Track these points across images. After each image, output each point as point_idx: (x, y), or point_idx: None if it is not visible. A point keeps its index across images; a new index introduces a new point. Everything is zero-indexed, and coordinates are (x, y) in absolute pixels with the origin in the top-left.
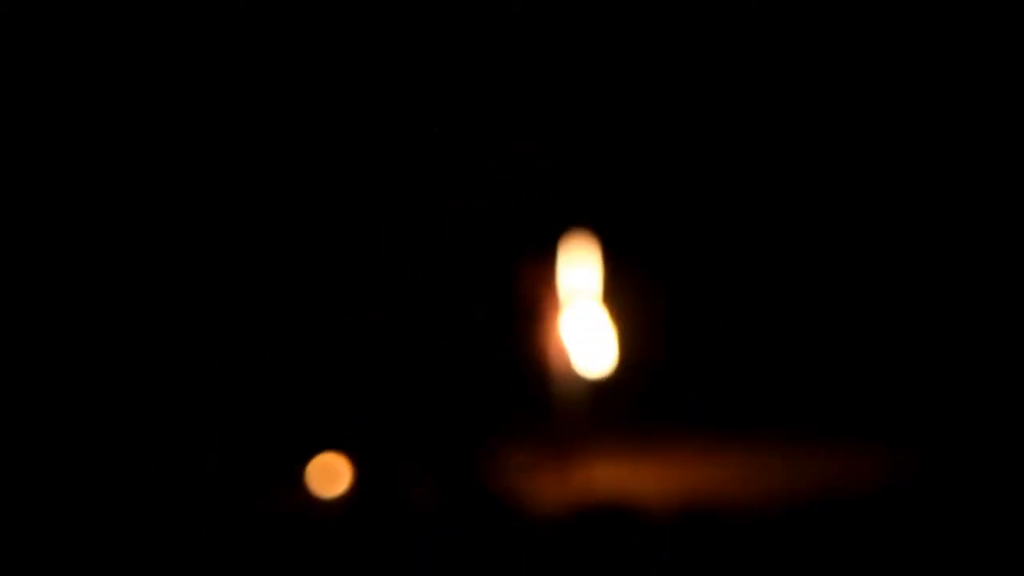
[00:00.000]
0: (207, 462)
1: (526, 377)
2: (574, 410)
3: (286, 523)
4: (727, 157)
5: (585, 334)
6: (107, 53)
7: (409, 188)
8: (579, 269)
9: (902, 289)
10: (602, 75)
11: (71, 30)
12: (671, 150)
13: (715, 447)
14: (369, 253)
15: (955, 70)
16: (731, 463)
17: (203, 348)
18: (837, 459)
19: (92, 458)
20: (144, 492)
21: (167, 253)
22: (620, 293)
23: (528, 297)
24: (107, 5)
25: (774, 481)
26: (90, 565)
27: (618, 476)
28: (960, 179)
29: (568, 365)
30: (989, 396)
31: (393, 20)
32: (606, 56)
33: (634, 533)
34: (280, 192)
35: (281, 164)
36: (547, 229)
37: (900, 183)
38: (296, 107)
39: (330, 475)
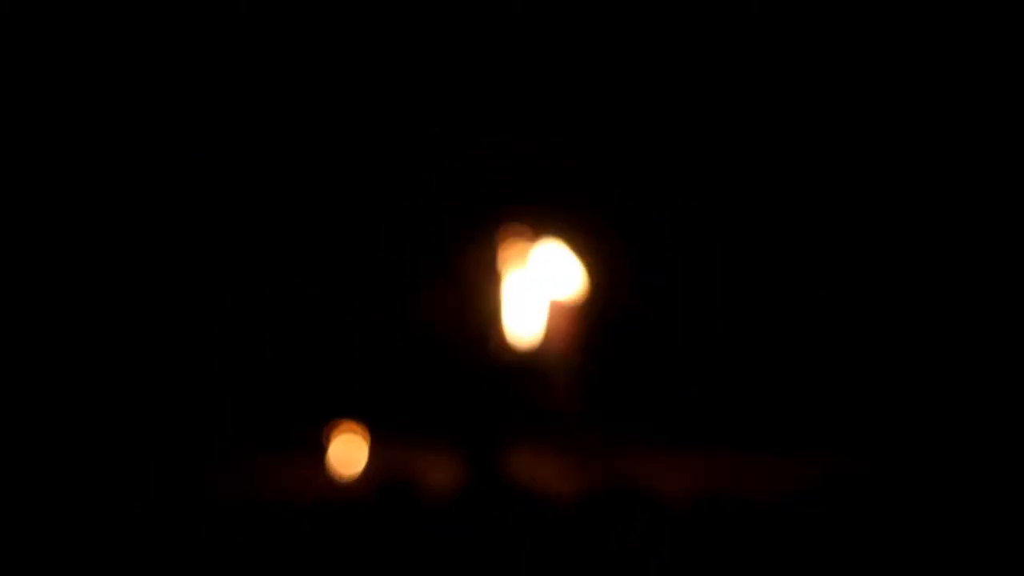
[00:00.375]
0: (207, 462)
1: (529, 370)
2: (573, 400)
3: (294, 517)
4: (727, 157)
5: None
6: (107, 53)
7: (409, 188)
8: (568, 267)
9: (906, 291)
10: (601, 75)
11: (71, 30)
12: (671, 150)
13: (724, 442)
14: (369, 253)
15: (955, 70)
16: (738, 459)
17: (203, 348)
18: (840, 457)
19: (92, 458)
20: (144, 492)
21: (167, 253)
22: (619, 292)
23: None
24: (107, 5)
25: (778, 476)
26: (90, 565)
27: (630, 465)
28: (961, 179)
29: (560, 358)
30: (989, 397)
31: (393, 20)
32: (605, 56)
33: (644, 522)
34: (280, 192)
35: (281, 164)
36: (546, 227)
37: (905, 182)
38: (296, 107)
39: (349, 454)
